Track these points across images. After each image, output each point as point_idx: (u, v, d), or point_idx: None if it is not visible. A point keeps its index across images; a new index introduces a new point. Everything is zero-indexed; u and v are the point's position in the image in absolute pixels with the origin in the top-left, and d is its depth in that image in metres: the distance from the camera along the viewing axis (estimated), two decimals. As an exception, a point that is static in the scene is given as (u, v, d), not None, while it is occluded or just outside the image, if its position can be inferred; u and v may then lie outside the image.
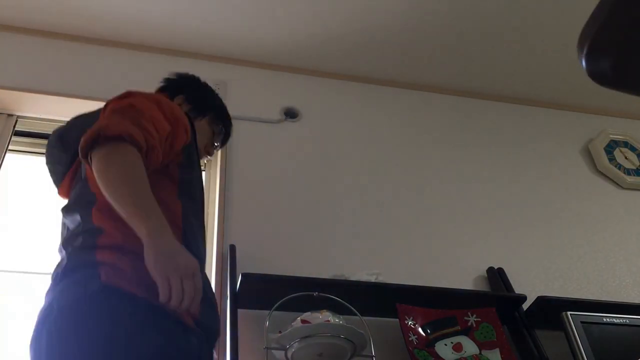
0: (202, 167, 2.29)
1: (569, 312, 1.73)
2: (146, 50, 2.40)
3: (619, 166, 2.59)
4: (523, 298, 1.86)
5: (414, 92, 2.66)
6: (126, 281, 1.00)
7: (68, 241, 1.13)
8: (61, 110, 2.18)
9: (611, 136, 2.70)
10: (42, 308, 1.03)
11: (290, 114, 2.38)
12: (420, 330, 1.72)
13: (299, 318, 1.51)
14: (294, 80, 2.52)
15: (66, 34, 2.33)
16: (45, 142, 2.20)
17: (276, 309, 1.55)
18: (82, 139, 1.07)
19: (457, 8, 2.33)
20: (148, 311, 0.98)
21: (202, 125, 1.56)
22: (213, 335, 1.15)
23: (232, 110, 2.32)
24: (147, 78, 2.33)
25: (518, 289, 1.95)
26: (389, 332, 1.75)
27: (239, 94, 2.40)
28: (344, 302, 1.61)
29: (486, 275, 2.05)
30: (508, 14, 2.37)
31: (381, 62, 2.56)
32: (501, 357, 1.67)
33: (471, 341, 1.72)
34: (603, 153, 2.62)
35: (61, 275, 1.05)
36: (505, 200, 2.36)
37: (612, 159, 2.60)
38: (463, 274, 2.04)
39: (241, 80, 2.44)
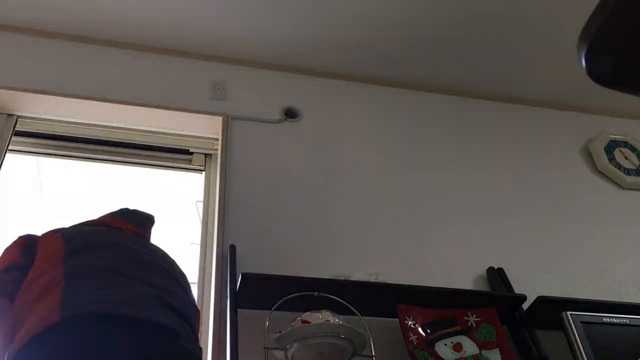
0: (199, 167, 2.30)
1: (569, 312, 1.73)
2: (146, 50, 2.40)
3: (619, 166, 2.59)
4: (523, 298, 1.86)
5: (414, 92, 2.66)
6: None
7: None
8: (61, 110, 2.19)
9: (611, 136, 2.70)
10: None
11: (290, 114, 2.38)
12: (420, 330, 1.72)
13: (299, 318, 1.51)
14: (294, 80, 2.52)
15: (66, 34, 2.33)
16: (45, 142, 2.22)
17: (276, 309, 1.55)
18: None
19: (457, 8, 2.33)
20: None
21: None
22: None
23: (232, 110, 2.33)
24: (147, 78, 2.34)
25: (518, 289, 1.95)
26: (389, 332, 1.75)
27: (239, 94, 2.40)
28: (344, 302, 1.61)
29: (486, 275, 2.05)
30: (508, 14, 2.37)
31: (381, 62, 2.56)
32: (501, 357, 1.67)
33: (471, 341, 1.72)
34: (603, 153, 2.62)
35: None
36: (505, 200, 2.36)
37: (612, 159, 2.60)
38: (463, 274, 2.04)
39: (241, 80, 2.44)
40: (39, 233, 1.37)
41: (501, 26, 2.43)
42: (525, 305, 1.88)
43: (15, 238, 1.38)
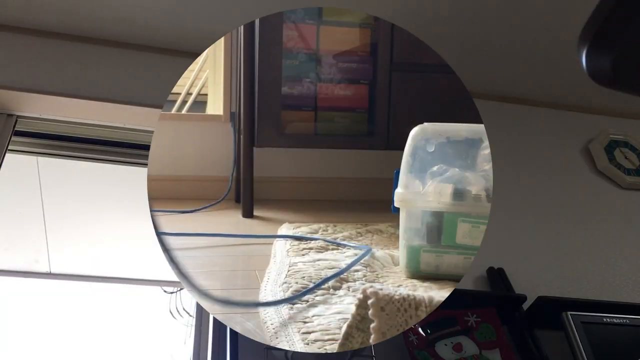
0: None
1: (569, 312, 1.73)
2: (146, 50, 2.40)
3: (619, 166, 2.58)
4: (523, 298, 1.85)
5: (414, 92, 2.66)
6: None
7: None
8: (61, 110, 2.18)
9: (611, 136, 2.70)
10: None
11: (290, 114, 2.38)
12: (420, 330, 1.71)
13: (299, 318, 1.51)
14: (294, 80, 2.52)
15: (66, 34, 2.33)
16: (45, 142, 2.22)
17: (276, 309, 1.54)
18: None
19: (457, 7, 2.33)
20: None
21: None
22: None
23: (232, 110, 2.33)
24: (147, 78, 2.34)
25: (518, 289, 1.95)
26: (389, 332, 1.74)
27: (239, 94, 2.40)
28: (344, 302, 1.61)
29: (486, 275, 2.05)
30: (508, 13, 2.37)
31: (381, 62, 2.56)
32: (501, 357, 1.67)
33: (471, 341, 1.72)
34: (603, 153, 2.61)
35: None
36: (505, 200, 2.35)
37: (612, 159, 2.60)
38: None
39: (241, 80, 2.44)
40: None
41: (501, 25, 2.42)
42: (525, 305, 1.88)
43: None
